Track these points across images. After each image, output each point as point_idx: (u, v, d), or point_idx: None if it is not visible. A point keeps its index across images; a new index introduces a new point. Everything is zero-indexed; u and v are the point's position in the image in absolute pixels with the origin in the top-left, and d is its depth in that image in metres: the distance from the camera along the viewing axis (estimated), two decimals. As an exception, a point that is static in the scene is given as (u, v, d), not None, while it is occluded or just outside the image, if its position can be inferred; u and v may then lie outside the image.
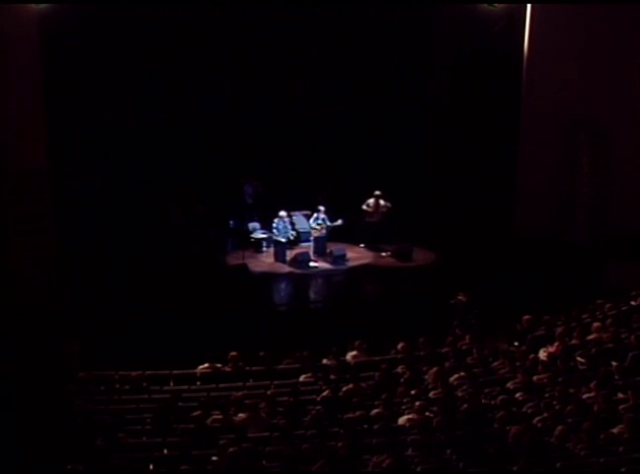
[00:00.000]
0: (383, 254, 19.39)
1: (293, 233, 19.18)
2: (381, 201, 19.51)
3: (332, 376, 11.79)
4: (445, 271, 18.11)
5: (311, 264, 18.50)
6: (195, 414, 10.23)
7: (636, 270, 16.40)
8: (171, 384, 11.95)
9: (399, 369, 11.90)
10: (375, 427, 9.68)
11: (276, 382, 11.81)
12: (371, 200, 19.56)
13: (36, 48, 16.01)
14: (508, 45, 19.00)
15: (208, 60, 19.91)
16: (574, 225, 18.96)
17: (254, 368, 12.28)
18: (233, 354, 12.31)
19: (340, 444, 9.04)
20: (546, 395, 10.52)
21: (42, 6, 16.08)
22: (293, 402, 10.74)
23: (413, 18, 20.15)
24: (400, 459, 8.71)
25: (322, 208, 19.05)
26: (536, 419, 9.78)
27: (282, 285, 18.26)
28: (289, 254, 18.87)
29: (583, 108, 18.52)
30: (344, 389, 11.17)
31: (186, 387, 11.79)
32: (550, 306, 14.19)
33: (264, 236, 19.46)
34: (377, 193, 19.52)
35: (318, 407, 10.41)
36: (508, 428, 9.34)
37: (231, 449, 8.85)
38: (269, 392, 11.08)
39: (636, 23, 18.38)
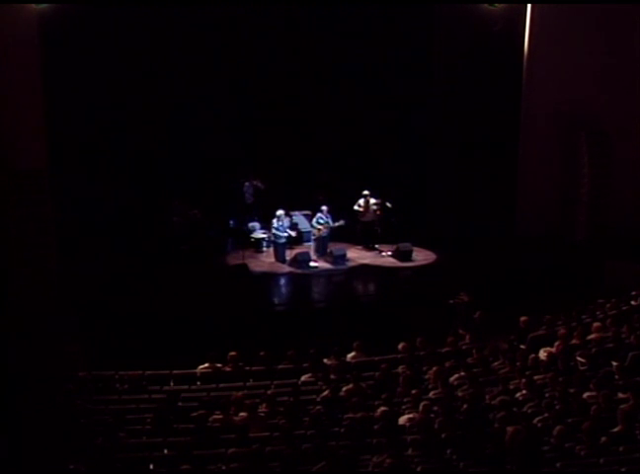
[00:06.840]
0: (384, 254, 19.38)
1: (293, 233, 19.10)
2: (371, 200, 19.50)
3: (332, 376, 11.78)
4: (445, 271, 18.11)
5: (311, 264, 18.48)
6: (195, 414, 10.21)
7: (636, 270, 16.41)
8: (171, 384, 11.95)
9: (399, 369, 11.89)
10: (375, 427, 9.66)
11: (276, 382, 11.81)
12: (361, 200, 19.56)
13: (36, 48, 16.07)
14: (508, 45, 19.02)
15: (209, 60, 19.90)
16: (574, 225, 18.97)
17: (254, 368, 12.29)
18: (233, 354, 12.31)
19: (340, 444, 9.02)
20: (546, 395, 10.51)
21: (42, 6, 16.12)
22: (293, 402, 10.73)
23: (413, 18, 20.16)
24: (400, 459, 8.70)
25: (325, 208, 18.98)
26: (537, 419, 9.77)
27: (283, 285, 18.24)
28: (289, 254, 18.86)
29: (583, 108, 18.55)
30: (344, 389, 11.16)
31: (186, 387, 11.80)
32: (550, 306, 14.20)
33: (264, 236, 19.45)
34: (365, 192, 19.52)
35: (318, 407, 10.40)
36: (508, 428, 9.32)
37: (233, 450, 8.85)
38: (269, 392, 11.07)
39: (636, 23, 18.42)
